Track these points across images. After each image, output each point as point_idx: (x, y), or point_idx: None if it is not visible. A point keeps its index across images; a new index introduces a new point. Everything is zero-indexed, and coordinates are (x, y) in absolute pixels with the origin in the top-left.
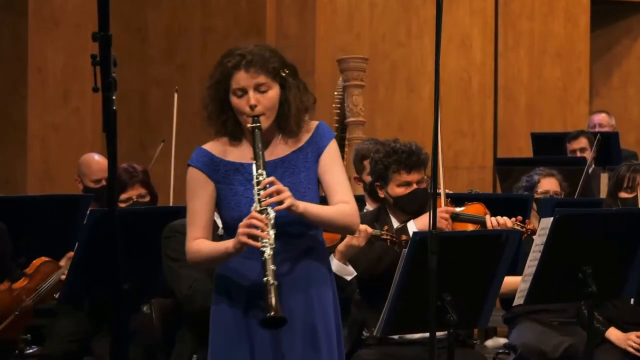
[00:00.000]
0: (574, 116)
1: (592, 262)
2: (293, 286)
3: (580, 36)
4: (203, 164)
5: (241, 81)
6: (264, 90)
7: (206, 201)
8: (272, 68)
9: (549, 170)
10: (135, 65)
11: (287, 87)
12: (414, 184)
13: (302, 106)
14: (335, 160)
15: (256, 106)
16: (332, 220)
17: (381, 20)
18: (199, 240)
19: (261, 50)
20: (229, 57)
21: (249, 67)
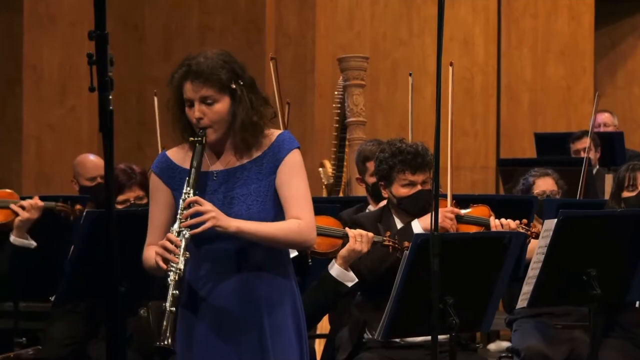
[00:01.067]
0: (578, 116)
1: (596, 264)
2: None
3: (584, 34)
4: (160, 170)
5: (187, 92)
6: (210, 103)
7: (162, 207)
8: (218, 80)
9: (543, 170)
10: (132, 64)
11: (237, 100)
12: (418, 184)
13: (250, 120)
14: (293, 172)
15: (201, 119)
16: (275, 238)
17: (382, 19)
18: (149, 247)
19: (212, 60)
20: (180, 66)
21: (193, 79)
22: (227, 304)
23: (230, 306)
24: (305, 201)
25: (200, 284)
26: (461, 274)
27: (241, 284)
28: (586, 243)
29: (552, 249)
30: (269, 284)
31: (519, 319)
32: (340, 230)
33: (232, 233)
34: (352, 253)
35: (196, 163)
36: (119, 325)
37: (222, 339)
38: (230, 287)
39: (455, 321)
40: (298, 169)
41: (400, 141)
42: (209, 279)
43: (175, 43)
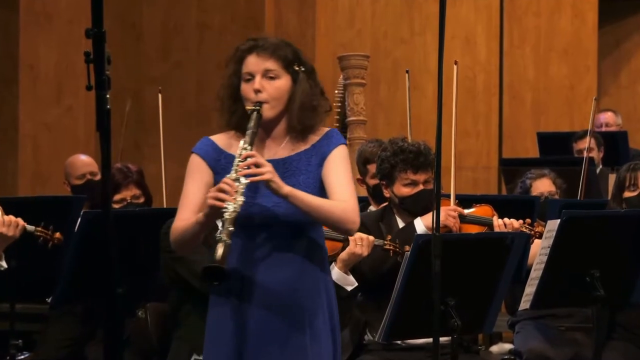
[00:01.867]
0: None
1: (600, 265)
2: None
3: (588, 33)
4: (205, 152)
5: (250, 65)
6: (272, 77)
7: (200, 186)
8: (284, 57)
9: (539, 172)
10: (130, 62)
11: (298, 82)
12: (420, 184)
13: (309, 105)
14: (339, 163)
15: (260, 92)
16: (322, 210)
17: (383, 17)
18: (181, 220)
19: (278, 40)
20: (244, 42)
21: (259, 51)
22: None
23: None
24: (351, 189)
25: (245, 275)
26: (463, 275)
27: (287, 277)
28: (589, 244)
29: (555, 250)
30: (313, 277)
31: (521, 321)
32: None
33: (284, 194)
34: (352, 256)
35: (254, 127)
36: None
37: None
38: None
39: (457, 323)
40: (345, 161)
41: (402, 140)
42: (255, 271)
43: (174, 41)
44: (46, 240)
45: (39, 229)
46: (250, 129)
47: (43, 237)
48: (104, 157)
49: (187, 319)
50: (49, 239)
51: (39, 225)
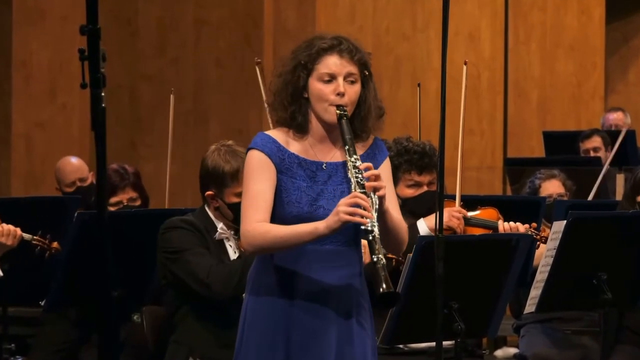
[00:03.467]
0: (588, 113)
1: (607, 267)
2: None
3: (595, 29)
4: (270, 150)
5: (333, 66)
6: (353, 81)
7: (269, 185)
8: (364, 62)
9: (549, 172)
10: (125, 59)
11: (368, 88)
12: (424, 185)
13: (379, 112)
14: (389, 177)
15: (344, 95)
16: (399, 231)
17: (385, 12)
18: (265, 223)
19: (354, 40)
20: (321, 39)
21: (343, 53)
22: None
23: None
24: (399, 208)
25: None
26: (467, 277)
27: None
28: (596, 245)
29: (561, 252)
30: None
31: (526, 325)
32: None
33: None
34: None
35: (349, 134)
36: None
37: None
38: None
39: (460, 327)
40: (390, 177)
41: (407, 140)
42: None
43: (170, 38)
44: (43, 250)
45: (37, 238)
46: (348, 138)
47: (40, 246)
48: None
49: (183, 322)
50: (46, 249)
51: (36, 234)
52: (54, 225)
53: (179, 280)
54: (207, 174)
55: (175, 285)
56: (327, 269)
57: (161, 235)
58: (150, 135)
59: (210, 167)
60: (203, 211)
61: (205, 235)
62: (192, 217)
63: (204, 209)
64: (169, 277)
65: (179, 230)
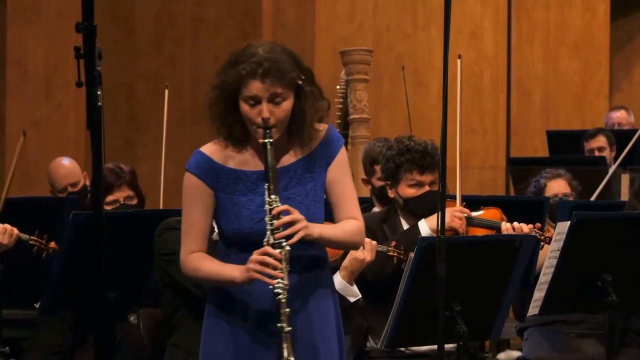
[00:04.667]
0: (592, 112)
1: (612, 269)
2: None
3: (599, 26)
4: (202, 171)
5: (254, 90)
6: (279, 102)
7: (203, 211)
8: (289, 78)
9: (555, 172)
10: (122, 57)
11: (303, 96)
12: (426, 185)
13: (317, 115)
14: (344, 170)
15: (269, 119)
16: (343, 241)
17: (386, 10)
18: (197, 255)
19: (277, 55)
20: (243, 63)
21: (265, 78)
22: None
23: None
24: (356, 202)
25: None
26: (469, 279)
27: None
28: (601, 247)
29: (565, 253)
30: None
31: (530, 327)
32: None
33: (314, 239)
34: (355, 262)
35: (271, 166)
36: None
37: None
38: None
39: (462, 329)
40: (347, 167)
41: (408, 139)
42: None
43: (167, 35)
44: (40, 250)
45: (34, 238)
46: (270, 172)
47: (37, 246)
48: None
49: (181, 324)
50: (44, 249)
51: (33, 234)
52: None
53: (176, 282)
54: None
55: (173, 287)
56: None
57: (158, 236)
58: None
59: None
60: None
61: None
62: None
63: None
64: (166, 279)
65: (175, 231)
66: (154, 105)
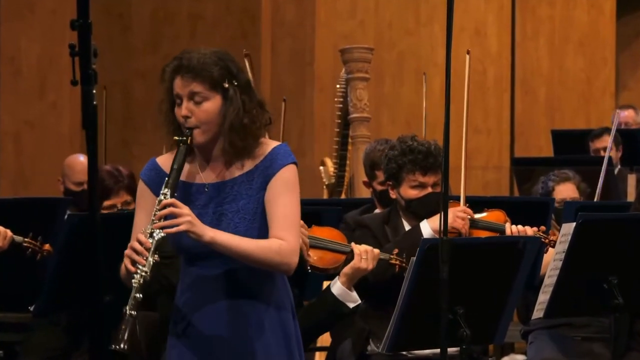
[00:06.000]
0: (598, 111)
1: (618, 271)
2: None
3: (605, 23)
4: (149, 178)
5: (177, 88)
6: (199, 101)
7: (146, 215)
8: (209, 77)
9: (563, 174)
10: (118, 55)
11: (228, 100)
12: (428, 186)
13: (240, 122)
14: (282, 189)
15: (189, 117)
16: (251, 255)
17: (387, 6)
18: None
19: (205, 56)
20: (172, 60)
21: (184, 74)
22: (217, 330)
23: (220, 332)
24: (291, 222)
25: (189, 308)
26: (472, 281)
27: (231, 310)
28: (607, 248)
29: (570, 255)
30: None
31: (534, 331)
32: (345, 245)
33: (206, 242)
34: (356, 271)
35: (177, 165)
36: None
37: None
38: (220, 312)
39: (466, 333)
40: (290, 186)
41: (411, 138)
42: (199, 303)
43: (164, 33)
44: (35, 252)
45: (27, 240)
46: (174, 170)
47: (32, 248)
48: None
49: None
50: (38, 251)
51: (27, 236)
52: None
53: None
54: None
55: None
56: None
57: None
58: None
59: None
60: None
61: None
62: None
63: None
64: (163, 282)
65: None
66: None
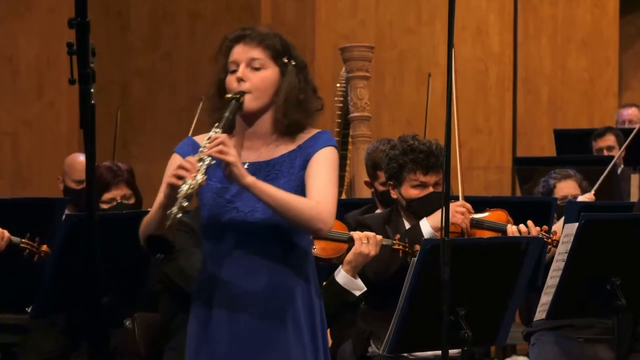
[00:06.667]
0: (601, 111)
1: (621, 272)
2: (252, 302)
3: (608, 22)
4: (185, 152)
5: (235, 54)
6: (257, 67)
7: None
8: (272, 46)
9: (565, 172)
10: (116, 54)
11: (285, 75)
12: (430, 186)
13: (296, 99)
14: (322, 165)
15: (243, 81)
16: (287, 204)
17: (388, 5)
18: None
19: (269, 30)
20: (232, 32)
21: (246, 40)
22: (246, 305)
23: (246, 307)
24: (329, 192)
25: (216, 285)
26: (474, 282)
27: (259, 284)
28: (610, 249)
29: (573, 256)
30: (287, 286)
31: (537, 332)
32: (345, 233)
33: (246, 184)
34: (358, 257)
35: (229, 113)
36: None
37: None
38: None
39: (467, 334)
40: (330, 163)
41: (413, 138)
42: (226, 280)
43: (163, 32)
44: (32, 253)
45: (25, 241)
46: (225, 117)
47: (29, 249)
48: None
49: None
50: (35, 252)
51: (24, 237)
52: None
53: (172, 283)
54: None
55: (171, 290)
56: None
57: None
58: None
59: None
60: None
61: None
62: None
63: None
64: (165, 280)
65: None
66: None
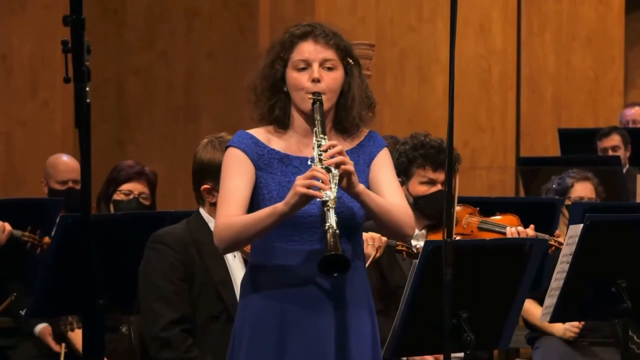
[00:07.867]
0: (606, 110)
1: (627, 274)
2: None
3: (613, 19)
4: (246, 146)
5: (306, 53)
6: (330, 68)
7: (245, 180)
8: (343, 47)
9: (584, 174)
10: (112, 52)
11: (352, 76)
12: (438, 184)
13: (366, 102)
14: (387, 167)
15: (320, 81)
16: (389, 213)
17: (389, 2)
18: (232, 217)
19: (331, 27)
20: (296, 26)
21: (318, 38)
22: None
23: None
24: (402, 195)
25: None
26: (477, 285)
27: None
28: (616, 251)
29: (577, 258)
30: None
31: (541, 336)
32: None
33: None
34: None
35: (320, 117)
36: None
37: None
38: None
39: (470, 338)
40: (391, 165)
41: (424, 135)
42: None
43: (159, 29)
44: (34, 246)
45: (27, 234)
46: (318, 120)
47: (31, 242)
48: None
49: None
50: (37, 244)
51: (25, 230)
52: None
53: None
54: (201, 167)
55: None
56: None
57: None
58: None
59: (205, 160)
60: (198, 217)
61: (193, 254)
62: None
63: (199, 214)
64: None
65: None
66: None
